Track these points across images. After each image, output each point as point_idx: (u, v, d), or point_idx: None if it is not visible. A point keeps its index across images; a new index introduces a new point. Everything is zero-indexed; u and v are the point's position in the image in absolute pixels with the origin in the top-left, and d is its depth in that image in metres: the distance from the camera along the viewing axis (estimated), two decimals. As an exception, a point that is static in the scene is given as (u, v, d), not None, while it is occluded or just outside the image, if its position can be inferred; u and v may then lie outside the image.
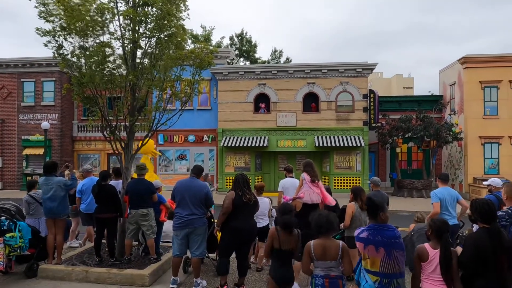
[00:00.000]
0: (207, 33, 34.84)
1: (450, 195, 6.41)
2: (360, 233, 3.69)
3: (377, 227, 3.66)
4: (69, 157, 22.78)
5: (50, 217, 6.63)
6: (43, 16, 6.37)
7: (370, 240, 3.58)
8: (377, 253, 3.55)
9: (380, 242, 3.55)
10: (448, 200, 6.35)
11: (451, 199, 6.38)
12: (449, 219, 6.21)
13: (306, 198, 6.01)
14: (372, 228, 3.65)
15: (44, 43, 6.50)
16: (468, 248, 3.48)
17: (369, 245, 3.58)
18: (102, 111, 6.84)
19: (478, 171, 19.89)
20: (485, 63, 19.94)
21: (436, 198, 6.39)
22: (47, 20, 6.39)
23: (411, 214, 14.99)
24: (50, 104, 22.19)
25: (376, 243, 3.55)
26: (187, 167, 21.83)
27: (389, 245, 3.55)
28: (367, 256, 3.62)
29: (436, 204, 6.37)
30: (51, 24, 6.42)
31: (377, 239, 3.56)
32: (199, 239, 5.87)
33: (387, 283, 3.57)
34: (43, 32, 6.40)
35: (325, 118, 20.18)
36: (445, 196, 6.36)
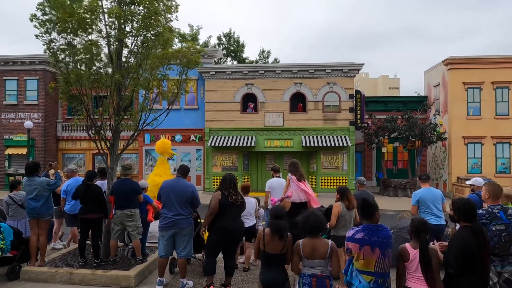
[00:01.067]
0: (195, 32, 34.68)
1: (432, 195, 6.48)
2: (355, 233, 3.70)
3: (372, 227, 3.70)
4: (53, 156, 22.38)
5: (34, 217, 6.50)
6: (41, 7, 6.26)
7: (366, 241, 3.62)
8: (373, 253, 3.60)
9: (376, 243, 3.60)
10: (429, 200, 6.41)
11: (434, 198, 6.45)
12: (432, 219, 6.30)
13: (294, 197, 6.05)
14: (367, 229, 3.69)
15: (35, 34, 6.39)
16: (454, 248, 3.54)
17: (365, 245, 3.61)
18: (87, 110, 6.76)
19: (461, 170, 20.26)
20: (469, 65, 20.33)
21: (413, 200, 6.48)
22: (44, 12, 6.29)
23: (396, 213, 15.17)
24: (34, 103, 21.78)
25: (372, 244, 3.60)
26: (174, 167, 21.59)
27: (384, 245, 3.61)
28: (361, 256, 3.64)
29: (413, 207, 6.47)
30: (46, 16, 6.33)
31: (373, 240, 3.61)
32: (185, 240, 5.84)
33: (382, 282, 3.65)
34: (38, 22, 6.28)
35: (312, 118, 20.28)
36: (426, 196, 6.42)
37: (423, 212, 6.41)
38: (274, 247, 4.08)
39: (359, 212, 3.90)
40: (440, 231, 6.35)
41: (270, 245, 4.09)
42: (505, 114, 20.21)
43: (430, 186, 6.72)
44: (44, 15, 6.28)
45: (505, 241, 4.26)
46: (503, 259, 4.32)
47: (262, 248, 4.16)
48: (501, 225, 4.28)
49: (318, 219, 3.85)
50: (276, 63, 32.39)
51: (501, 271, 4.33)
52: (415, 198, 6.49)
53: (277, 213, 4.32)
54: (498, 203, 4.48)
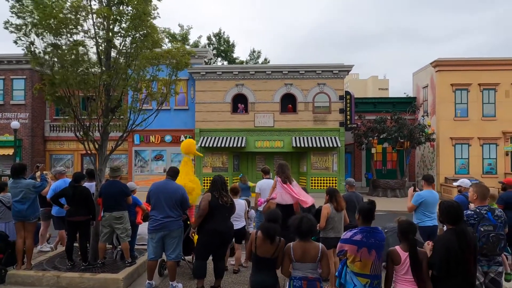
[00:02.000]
0: (185, 32, 34.53)
1: (432, 197, 6.47)
2: (353, 235, 3.73)
3: (369, 229, 3.75)
4: (40, 157, 22.08)
5: (19, 220, 6.39)
6: (14, 11, 6.14)
7: (364, 243, 3.65)
8: (370, 255, 3.64)
9: (373, 245, 3.65)
10: (430, 203, 6.41)
11: (434, 201, 6.45)
12: (427, 220, 6.35)
13: (278, 199, 6.04)
14: (365, 231, 3.72)
15: (14, 40, 6.25)
16: (438, 250, 3.58)
17: (363, 247, 3.64)
18: (75, 112, 6.65)
19: (449, 171, 20.53)
20: (456, 67, 20.62)
21: (416, 201, 6.41)
22: (19, 16, 6.15)
23: (385, 213, 15.31)
24: (21, 102, 21.45)
25: (369, 246, 3.64)
26: (163, 168, 21.52)
27: (380, 247, 3.66)
28: (358, 258, 3.66)
29: (413, 206, 6.43)
30: (21, 20, 6.19)
31: (370, 242, 3.65)
32: (174, 242, 5.79)
33: (377, 284, 3.71)
34: (14, 28, 6.15)
35: (302, 119, 20.34)
36: (429, 200, 6.41)
37: (420, 213, 6.41)
38: (265, 250, 4.07)
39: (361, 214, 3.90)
40: (434, 231, 6.41)
41: (261, 248, 4.08)
42: (492, 116, 20.54)
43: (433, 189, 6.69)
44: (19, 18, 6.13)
45: (493, 241, 4.32)
46: (490, 259, 4.39)
47: (253, 251, 4.14)
48: (489, 226, 4.35)
49: (309, 223, 3.85)
50: (266, 64, 32.44)
51: (487, 271, 4.40)
52: (419, 199, 6.39)
53: (271, 216, 4.29)
54: (486, 204, 4.55)
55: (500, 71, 20.36)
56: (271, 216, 4.29)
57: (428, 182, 6.63)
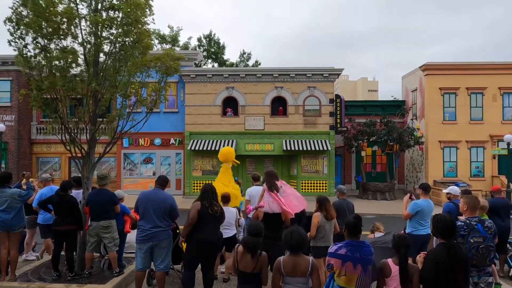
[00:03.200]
0: (175, 33, 34.32)
1: (429, 208, 6.49)
2: (338, 249, 3.70)
3: (355, 243, 3.73)
4: (27, 160, 21.70)
5: (4, 230, 6.23)
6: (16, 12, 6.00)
7: (349, 257, 3.62)
8: (355, 270, 3.61)
9: (358, 259, 3.61)
10: (427, 213, 6.41)
11: (430, 211, 6.47)
12: (422, 229, 6.36)
13: (266, 207, 5.98)
14: (350, 245, 3.70)
15: (8, 40, 6.11)
16: (428, 264, 3.58)
17: (347, 261, 3.62)
18: (62, 118, 6.51)
19: (438, 174, 20.72)
20: (445, 71, 20.84)
21: (412, 209, 6.39)
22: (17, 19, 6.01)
23: (375, 217, 15.38)
24: (6, 104, 21.06)
25: (354, 260, 3.61)
26: (153, 171, 21.35)
27: (366, 262, 3.63)
28: (343, 273, 3.64)
29: (408, 214, 6.41)
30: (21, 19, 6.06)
31: (355, 256, 3.62)
32: (163, 252, 5.70)
33: None
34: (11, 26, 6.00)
35: (292, 122, 20.34)
36: (425, 209, 6.41)
37: (415, 222, 6.41)
38: (245, 264, 4.01)
39: (347, 228, 3.87)
40: (428, 240, 6.42)
41: (242, 262, 4.03)
42: (479, 119, 20.80)
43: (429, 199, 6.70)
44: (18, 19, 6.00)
45: (482, 253, 4.33)
46: (480, 270, 4.40)
47: (236, 264, 4.09)
48: (479, 237, 4.36)
49: (299, 237, 3.80)
50: (257, 67, 32.43)
51: (477, 281, 4.41)
52: (416, 209, 6.37)
53: (252, 229, 4.23)
54: (476, 215, 4.56)
55: (487, 75, 20.64)
56: (253, 229, 4.23)
57: (425, 191, 6.64)
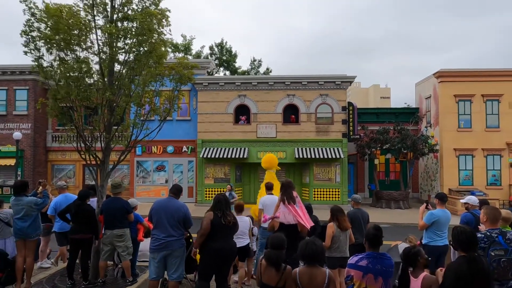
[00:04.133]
0: (187, 42, 34.67)
1: (446, 218, 6.37)
2: (358, 261, 3.64)
3: (376, 255, 3.66)
4: (42, 168, 22.03)
5: (20, 237, 6.30)
6: (28, 25, 6.13)
7: (370, 269, 3.56)
8: (376, 282, 3.54)
9: (379, 271, 3.55)
10: (443, 223, 6.30)
11: (447, 221, 6.35)
12: (439, 240, 6.24)
13: (281, 218, 5.92)
14: (371, 256, 3.63)
15: (24, 51, 6.26)
16: (448, 277, 3.47)
17: (368, 273, 3.55)
18: (77, 128, 6.61)
19: (453, 182, 20.35)
20: (459, 77, 20.56)
21: (428, 219, 6.27)
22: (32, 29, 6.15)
23: (389, 226, 15.15)
24: (23, 113, 21.46)
25: (376, 272, 3.54)
26: (165, 179, 21.46)
27: (387, 274, 3.56)
28: (364, 285, 3.57)
29: (424, 224, 6.30)
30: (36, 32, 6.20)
31: (377, 268, 3.56)
32: (177, 262, 5.67)
33: None
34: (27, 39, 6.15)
35: (305, 130, 20.27)
36: (442, 219, 6.29)
37: (431, 232, 6.28)
38: (269, 278, 3.95)
39: (367, 240, 3.80)
40: (444, 251, 6.28)
41: (265, 275, 3.96)
42: (495, 127, 20.42)
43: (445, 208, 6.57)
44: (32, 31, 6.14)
45: (504, 266, 4.19)
46: (502, 284, 4.26)
47: (259, 278, 4.03)
48: (500, 250, 4.22)
49: (316, 248, 3.73)
50: (269, 75, 32.49)
51: (499, 296, 4.26)
52: (432, 219, 6.26)
53: (274, 242, 4.14)
54: (497, 226, 4.42)
55: (503, 82, 20.29)
56: (275, 242, 4.14)
57: (441, 201, 6.51)
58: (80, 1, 6.53)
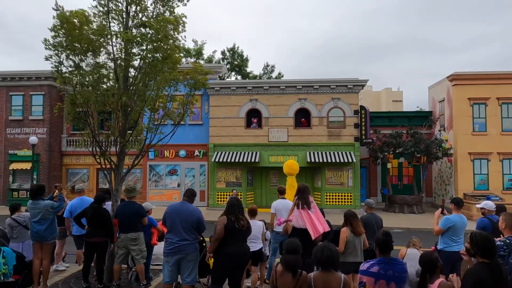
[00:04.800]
0: (199, 47, 34.93)
1: (463, 223, 6.28)
2: (370, 267, 3.62)
3: (387, 261, 3.65)
4: (57, 171, 22.38)
5: (37, 240, 6.42)
6: (54, 30, 6.29)
7: (382, 275, 3.54)
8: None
9: (392, 277, 3.52)
10: (459, 229, 6.22)
11: (463, 226, 6.27)
12: (455, 246, 6.15)
13: (294, 221, 5.91)
14: (382, 262, 3.61)
15: (45, 56, 6.41)
16: (467, 284, 3.42)
17: (380, 279, 3.53)
18: (93, 132, 6.72)
19: (468, 187, 20.02)
20: (474, 80, 20.27)
21: (444, 225, 6.20)
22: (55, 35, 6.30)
23: (403, 231, 14.98)
24: (39, 118, 21.87)
25: (388, 278, 3.52)
26: (177, 183, 21.60)
27: (400, 280, 3.53)
28: None
29: (440, 230, 6.23)
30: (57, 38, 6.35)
31: (389, 274, 3.54)
32: (190, 266, 5.70)
33: None
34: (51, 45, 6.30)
35: (316, 134, 20.21)
36: (458, 225, 6.21)
37: (447, 237, 6.20)
38: (285, 283, 3.93)
39: (377, 245, 3.77)
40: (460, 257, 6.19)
41: (281, 280, 3.95)
42: (511, 130, 20.05)
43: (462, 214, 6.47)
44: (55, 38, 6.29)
45: (524, 274, 4.11)
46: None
47: (274, 283, 4.02)
48: (520, 258, 4.14)
49: (331, 253, 3.71)
50: (280, 79, 32.51)
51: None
52: (448, 224, 6.19)
53: (290, 246, 4.12)
54: (516, 234, 4.35)
55: (519, 84, 19.94)
56: (290, 247, 4.12)
57: (457, 206, 6.41)
58: (95, 8, 6.67)
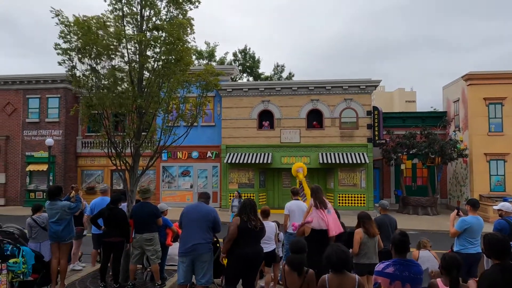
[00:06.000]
0: (211, 49, 35.14)
1: (479, 225, 6.21)
2: (385, 268, 3.60)
3: (403, 262, 3.62)
4: (72, 173, 22.75)
5: (55, 240, 6.56)
6: (62, 36, 6.43)
7: (397, 276, 3.52)
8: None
9: (407, 278, 3.50)
10: (476, 230, 6.15)
11: (480, 228, 6.20)
12: (471, 248, 6.09)
13: (314, 223, 5.88)
14: (398, 263, 3.59)
15: (58, 61, 6.56)
16: (482, 286, 3.39)
17: (396, 281, 3.51)
18: (108, 133, 6.84)
19: (484, 188, 19.68)
20: (489, 80, 19.93)
21: (460, 226, 6.14)
22: (65, 40, 6.45)
23: (417, 232, 14.81)
24: (55, 120, 22.27)
25: (403, 279, 3.50)
26: (190, 184, 21.74)
27: (415, 281, 3.51)
28: None
29: (456, 232, 6.16)
30: (68, 44, 6.48)
31: (404, 275, 3.51)
32: (205, 266, 5.73)
33: None
34: (62, 50, 6.45)
35: (329, 135, 20.13)
36: (475, 227, 6.15)
37: (463, 239, 6.14)
38: (292, 282, 3.96)
39: (393, 246, 3.75)
40: (477, 260, 6.11)
41: (289, 280, 3.98)
42: (529, 130, 19.65)
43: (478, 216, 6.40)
44: (66, 43, 6.43)
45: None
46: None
47: (284, 283, 4.05)
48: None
49: (343, 255, 3.70)
50: (292, 80, 32.46)
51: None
52: (464, 226, 6.12)
53: (295, 246, 4.14)
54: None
55: (536, 84, 19.54)
56: (295, 247, 4.15)
57: (473, 207, 6.33)
58: (110, 13, 6.79)
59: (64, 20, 6.42)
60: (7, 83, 22.46)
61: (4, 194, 22.29)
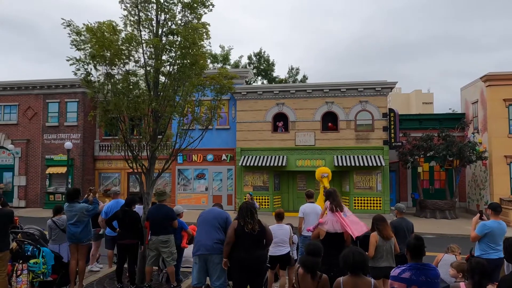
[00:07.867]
0: (226, 52, 35.36)
1: (501, 230, 6.06)
2: (401, 273, 3.57)
3: (419, 266, 3.58)
4: (90, 175, 23.18)
5: (73, 242, 6.70)
6: (75, 44, 6.59)
7: (414, 281, 3.48)
8: None
9: (424, 283, 3.46)
10: (498, 235, 6.00)
11: (502, 233, 6.04)
12: (493, 253, 5.95)
13: (329, 226, 5.85)
14: (414, 268, 3.55)
15: (73, 71, 6.72)
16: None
17: (412, 285, 3.47)
18: (125, 137, 6.96)
19: (504, 191, 19.21)
20: (509, 81, 19.49)
21: (480, 231, 6.00)
22: (78, 48, 6.60)
23: (434, 236, 14.56)
24: (73, 124, 22.76)
25: (420, 284, 3.46)
26: (205, 186, 21.88)
27: (432, 286, 3.46)
28: None
29: (477, 236, 6.04)
30: (81, 52, 6.64)
31: (421, 280, 3.48)
32: (218, 268, 5.65)
33: None
34: (73, 61, 6.62)
35: (344, 138, 19.98)
36: (496, 231, 6.00)
37: (484, 244, 6.00)
38: (306, 286, 3.94)
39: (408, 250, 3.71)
40: (499, 265, 5.96)
41: (303, 283, 3.96)
42: (551, 132, 19.12)
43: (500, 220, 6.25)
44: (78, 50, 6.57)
45: None
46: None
47: (298, 285, 4.04)
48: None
49: (361, 257, 3.67)
50: (307, 83, 32.37)
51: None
52: (484, 230, 5.99)
53: (310, 249, 4.12)
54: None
55: (558, 84, 19.00)
56: (311, 249, 4.12)
57: (495, 211, 6.17)
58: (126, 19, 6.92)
59: (76, 29, 6.56)
60: (28, 88, 23.08)
61: (24, 196, 22.86)
